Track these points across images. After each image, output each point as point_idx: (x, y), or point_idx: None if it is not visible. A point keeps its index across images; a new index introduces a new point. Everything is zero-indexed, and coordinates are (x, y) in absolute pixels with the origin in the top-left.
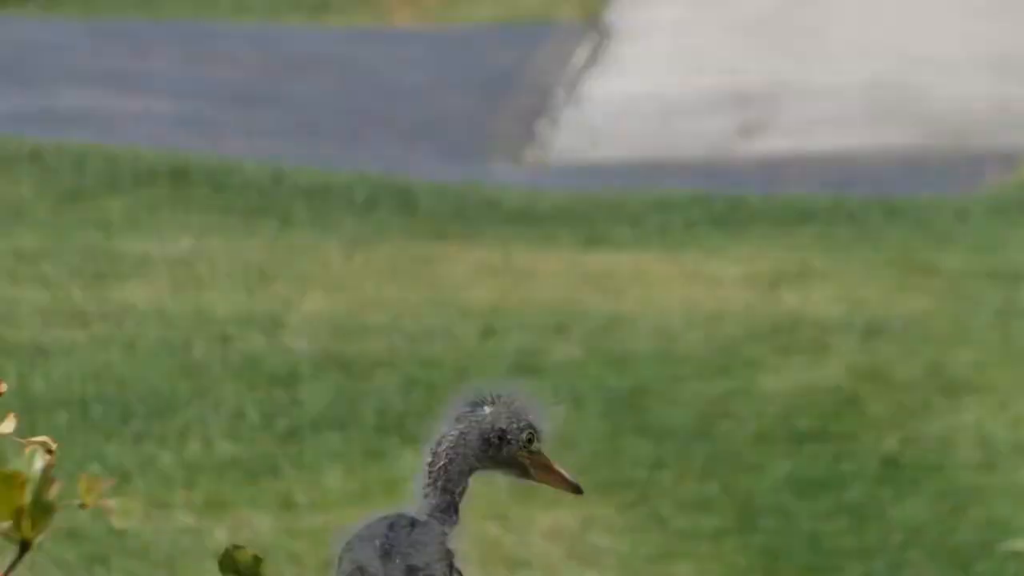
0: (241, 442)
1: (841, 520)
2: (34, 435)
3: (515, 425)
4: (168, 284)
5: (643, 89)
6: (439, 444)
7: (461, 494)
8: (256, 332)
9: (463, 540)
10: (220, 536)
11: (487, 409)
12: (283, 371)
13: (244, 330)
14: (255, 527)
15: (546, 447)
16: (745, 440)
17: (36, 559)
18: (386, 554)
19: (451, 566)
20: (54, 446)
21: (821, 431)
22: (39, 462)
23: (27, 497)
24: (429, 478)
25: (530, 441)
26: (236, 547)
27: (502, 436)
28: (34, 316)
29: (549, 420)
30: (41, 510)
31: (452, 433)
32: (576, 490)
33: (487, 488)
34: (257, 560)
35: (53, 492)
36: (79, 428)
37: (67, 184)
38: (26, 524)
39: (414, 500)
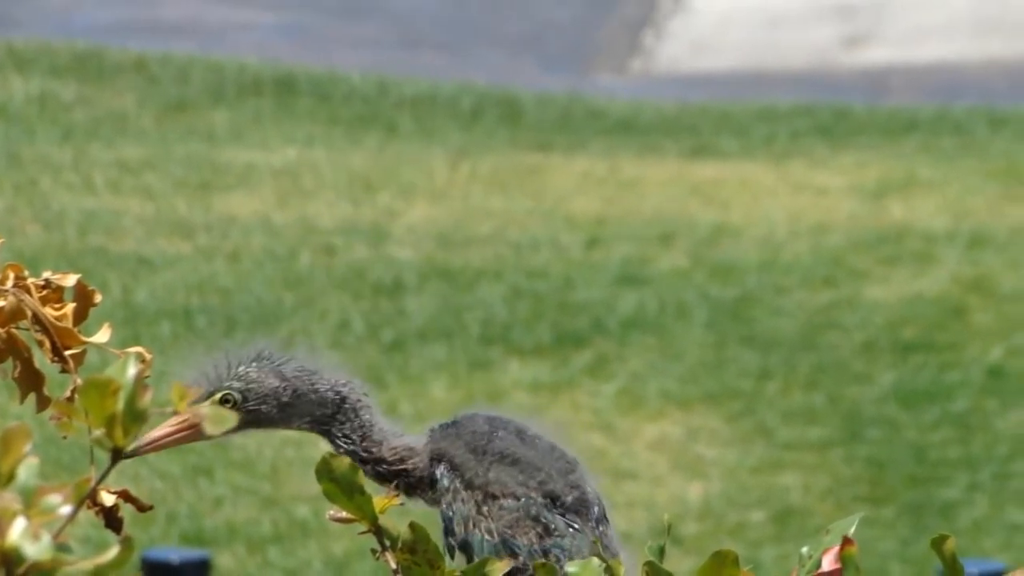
0: (346, 352)
1: (947, 431)
2: (138, 345)
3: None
4: (273, 195)
5: None
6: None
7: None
8: (361, 242)
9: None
10: (324, 447)
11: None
12: (388, 281)
13: (349, 240)
14: None
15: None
16: (851, 350)
17: (139, 471)
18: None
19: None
20: (148, 356)
21: (926, 342)
22: (132, 369)
23: (120, 404)
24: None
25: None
26: (332, 455)
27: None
28: (138, 227)
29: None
30: (133, 417)
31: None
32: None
33: (592, 399)
34: (353, 468)
35: (146, 399)
36: (183, 338)
37: (171, 95)
38: (118, 431)
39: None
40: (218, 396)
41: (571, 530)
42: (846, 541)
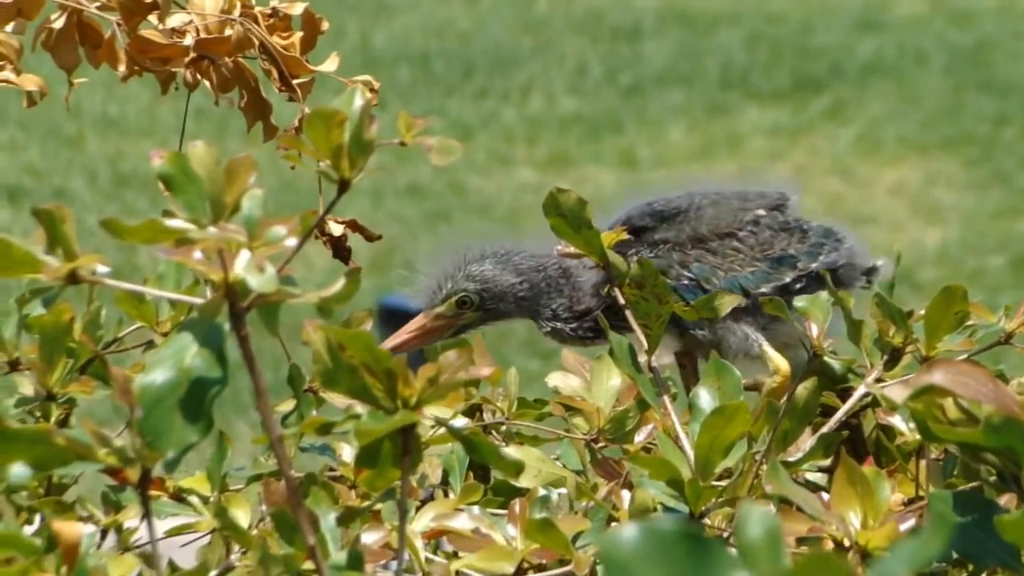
0: (584, 97)
1: None
2: (376, 91)
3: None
4: None
5: None
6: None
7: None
8: None
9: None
10: None
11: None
12: (627, 25)
13: None
14: (597, 182)
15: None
16: None
17: (376, 217)
18: None
19: None
20: (376, 85)
21: None
22: (359, 99)
23: (345, 135)
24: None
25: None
26: (561, 190)
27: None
28: None
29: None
30: (359, 148)
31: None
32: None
33: (831, 144)
34: (582, 203)
35: (372, 130)
36: (421, 83)
37: None
38: (344, 162)
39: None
40: (454, 299)
41: (821, 226)
42: None
